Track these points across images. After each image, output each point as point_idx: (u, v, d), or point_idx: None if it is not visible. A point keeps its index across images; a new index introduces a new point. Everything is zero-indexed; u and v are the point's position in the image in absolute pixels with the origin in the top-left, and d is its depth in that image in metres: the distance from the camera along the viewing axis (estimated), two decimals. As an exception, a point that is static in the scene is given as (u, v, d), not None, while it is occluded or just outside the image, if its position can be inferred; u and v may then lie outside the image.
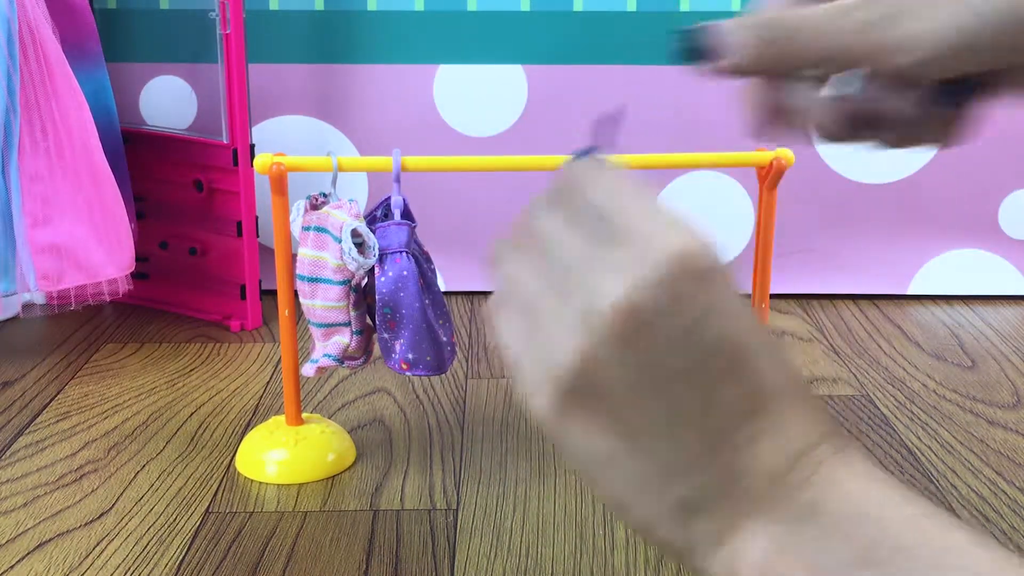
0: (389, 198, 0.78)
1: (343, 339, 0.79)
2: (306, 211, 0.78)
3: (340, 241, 0.76)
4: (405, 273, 0.76)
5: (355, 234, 0.76)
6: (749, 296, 0.38)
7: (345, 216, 0.76)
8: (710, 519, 0.37)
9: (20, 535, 0.74)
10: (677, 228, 0.36)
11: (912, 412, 0.94)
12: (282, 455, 0.82)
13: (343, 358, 0.80)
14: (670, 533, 0.38)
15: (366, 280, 0.79)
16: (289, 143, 1.20)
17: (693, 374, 0.36)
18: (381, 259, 0.77)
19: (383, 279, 0.77)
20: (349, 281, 0.78)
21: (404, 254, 0.76)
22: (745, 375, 0.36)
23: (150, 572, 0.70)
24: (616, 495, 0.38)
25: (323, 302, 0.78)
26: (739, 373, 0.36)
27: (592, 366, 0.36)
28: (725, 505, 0.37)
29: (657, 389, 0.36)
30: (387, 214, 0.78)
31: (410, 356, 0.78)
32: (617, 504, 0.39)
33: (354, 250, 0.75)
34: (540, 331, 0.38)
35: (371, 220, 0.78)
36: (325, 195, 0.79)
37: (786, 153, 0.78)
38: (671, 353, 0.36)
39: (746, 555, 0.36)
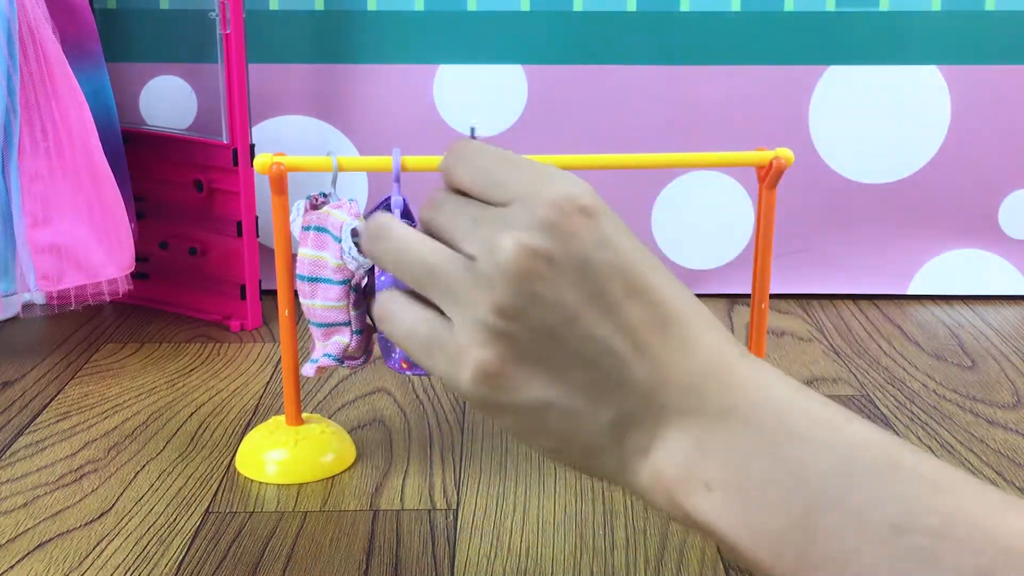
0: (389, 198, 0.78)
1: (343, 339, 0.79)
2: (306, 211, 0.78)
3: (340, 241, 0.76)
4: (405, 273, 0.76)
5: (355, 234, 0.76)
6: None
7: (345, 216, 0.76)
8: (638, 432, 0.40)
9: (20, 535, 0.74)
10: (557, 176, 0.40)
11: (912, 412, 0.94)
12: (282, 455, 0.82)
13: (343, 358, 0.80)
14: (608, 458, 0.41)
15: (366, 280, 0.79)
16: (289, 143, 1.20)
17: (598, 301, 0.39)
18: (381, 259, 0.77)
19: (383, 279, 0.77)
20: (349, 281, 0.78)
21: (404, 254, 0.76)
22: (646, 294, 0.40)
23: (150, 572, 0.70)
24: (554, 440, 0.41)
25: (323, 302, 0.78)
26: (640, 293, 0.40)
27: (509, 315, 0.39)
28: (649, 417, 0.40)
29: (570, 322, 0.39)
30: (387, 214, 0.78)
31: (410, 356, 0.78)
32: (556, 448, 0.41)
33: (354, 250, 0.75)
34: (451, 303, 0.40)
35: (371, 220, 0.78)
36: (325, 195, 0.79)
37: (785, 153, 0.78)
38: (575, 284, 0.39)
39: (669, 458, 0.40)
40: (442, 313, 0.41)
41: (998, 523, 0.35)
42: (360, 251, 0.76)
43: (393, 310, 0.43)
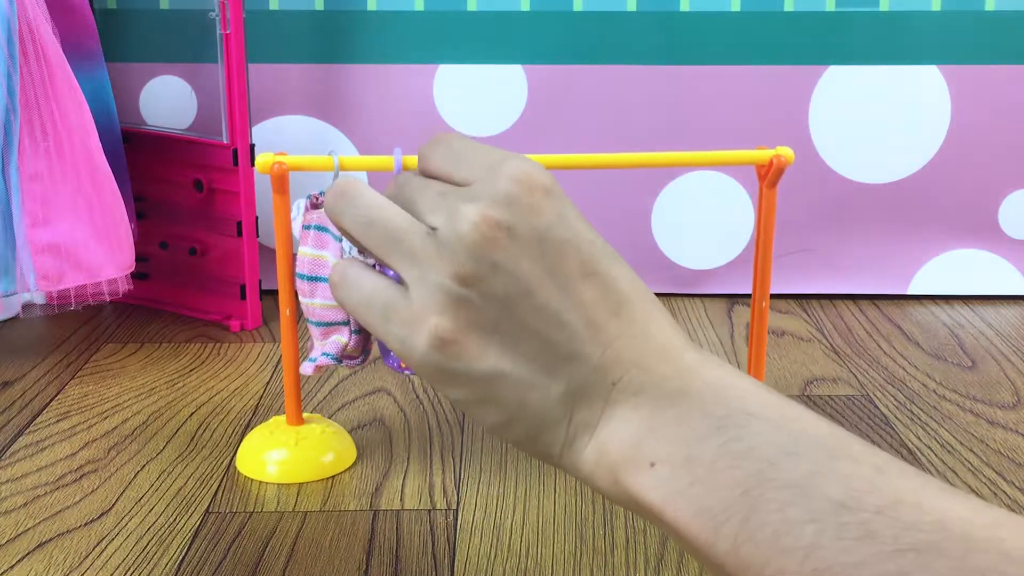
0: (389, 198, 0.78)
1: (342, 338, 0.79)
2: (306, 210, 0.78)
3: (340, 240, 0.76)
4: (405, 273, 0.76)
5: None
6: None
7: (345, 216, 0.76)
8: (588, 408, 0.41)
9: (20, 535, 0.74)
10: (520, 158, 0.41)
11: (912, 412, 0.94)
12: (282, 455, 0.82)
13: (342, 357, 0.80)
14: (555, 434, 0.42)
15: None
16: (289, 143, 1.20)
17: (554, 275, 0.40)
18: (381, 259, 0.77)
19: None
20: (349, 281, 0.78)
21: (404, 254, 0.76)
22: (599, 276, 0.41)
23: (150, 572, 0.70)
24: (503, 412, 0.42)
25: (322, 301, 0.78)
26: (594, 274, 0.41)
27: (467, 282, 0.40)
28: (600, 393, 0.41)
29: (527, 293, 0.40)
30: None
31: (410, 356, 0.78)
32: (504, 421, 0.42)
33: (355, 249, 0.75)
34: (411, 269, 0.41)
35: (371, 220, 0.78)
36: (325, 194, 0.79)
37: (786, 151, 0.78)
38: (533, 257, 0.40)
39: (616, 435, 0.40)
40: (400, 282, 0.42)
41: (937, 505, 0.36)
42: (361, 251, 0.77)
43: (351, 275, 0.44)
